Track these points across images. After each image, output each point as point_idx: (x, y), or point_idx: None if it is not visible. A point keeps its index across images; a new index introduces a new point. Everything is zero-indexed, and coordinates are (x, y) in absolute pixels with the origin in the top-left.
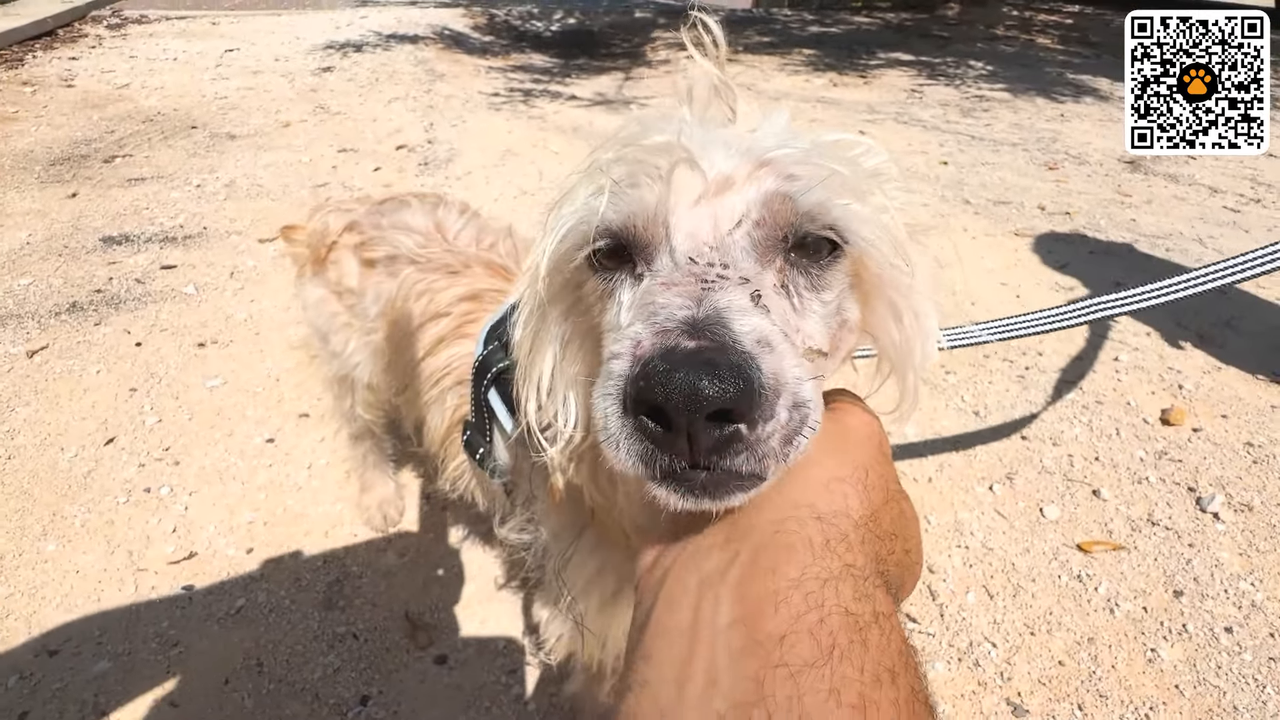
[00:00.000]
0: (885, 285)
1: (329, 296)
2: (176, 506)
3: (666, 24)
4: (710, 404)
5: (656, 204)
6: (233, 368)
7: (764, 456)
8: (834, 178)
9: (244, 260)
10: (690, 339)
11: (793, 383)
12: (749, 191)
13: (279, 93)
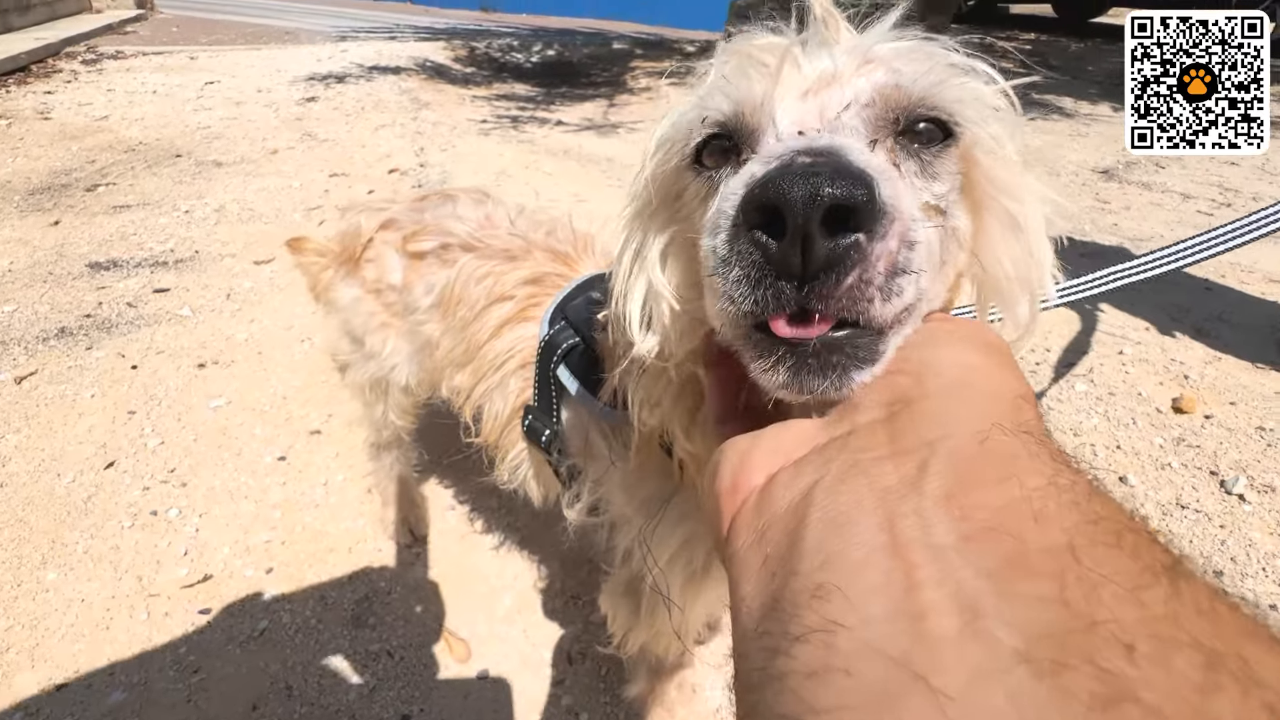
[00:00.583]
0: (998, 189)
1: (365, 296)
2: (187, 529)
3: (644, 54)
4: (830, 199)
5: (764, 93)
6: (236, 387)
7: (872, 283)
8: (945, 69)
9: (240, 282)
10: (807, 156)
11: (909, 216)
12: (857, 83)
13: (264, 122)
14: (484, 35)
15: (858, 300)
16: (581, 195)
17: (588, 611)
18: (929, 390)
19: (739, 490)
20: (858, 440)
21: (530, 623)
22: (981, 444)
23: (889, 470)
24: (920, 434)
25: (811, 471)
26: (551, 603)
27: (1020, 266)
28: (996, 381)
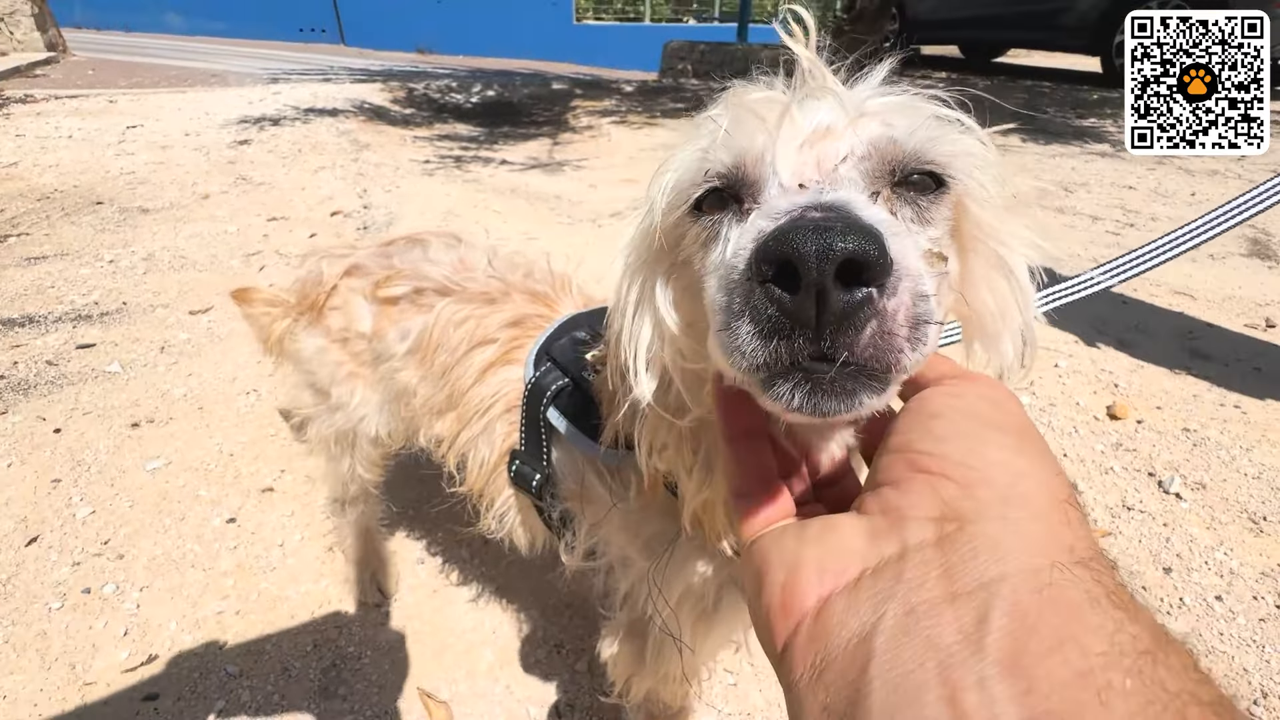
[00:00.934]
0: (985, 234)
1: (330, 346)
2: (126, 605)
3: (583, 94)
4: (843, 253)
5: (763, 146)
6: (176, 446)
7: (892, 334)
8: (935, 123)
9: (174, 334)
10: (817, 212)
11: (915, 271)
12: (852, 136)
13: (193, 166)
14: (421, 77)
15: (883, 351)
16: (532, 233)
17: (573, 660)
18: (980, 506)
19: (790, 612)
20: (911, 571)
21: (514, 677)
22: (1041, 593)
23: (948, 622)
24: (976, 571)
25: (868, 608)
26: (534, 654)
27: (1005, 306)
28: (1044, 491)
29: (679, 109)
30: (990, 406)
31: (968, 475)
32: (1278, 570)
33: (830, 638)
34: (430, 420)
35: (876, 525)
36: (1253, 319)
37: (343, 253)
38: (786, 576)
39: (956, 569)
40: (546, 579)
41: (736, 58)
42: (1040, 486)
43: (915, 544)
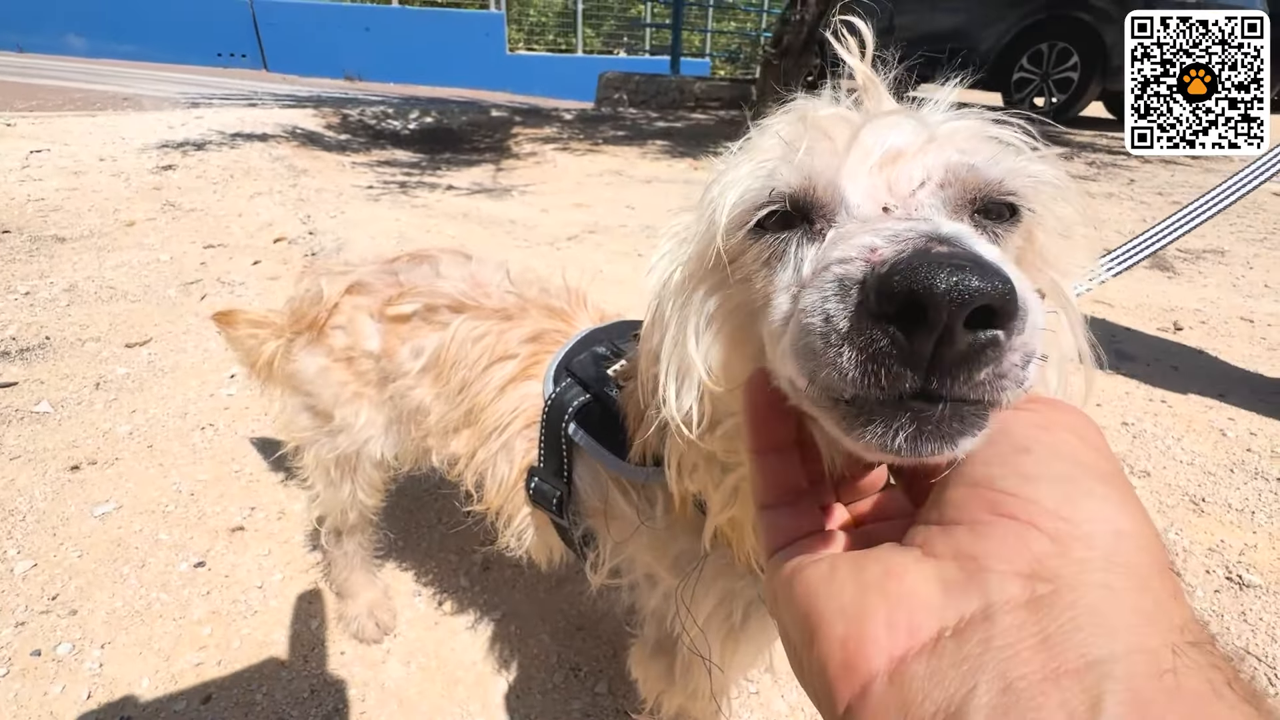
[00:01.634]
0: (1046, 263)
1: (333, 366)
2: (87, 665)
3: (524, 121)
4: (980, 297)
5: (835, 166)
6: (127, 489)
7: (1004, 376)
8: (1012, 151)
9: (111, 369)
10: (940, 245)
11: (1035, 310)
12: (925, 160)
13: (113, 192)
14: (354, 103)
15: (993, 391)
16: None
17: (592, 683)
18: (1078, 570)
19: (855, 671)
20: (1002, 637)
21: (533, 706)
22: (1161, 679)
23: (1054, 705)
24: (1080, 645)
25: (955, 677)
26: (551, 679)
27: (1057, 332)
28: (1148, 557)
29: (620, 136)
30: (1082, 444)
31: (1062, 529)
32: (1221, 546)
33: (910, 709)
34: (445, 439)
35: (950, 574)
36: (1163, 323)
37: (342, 270)
38: (848, 629)
39: (1056, 640)
40: (553, 602)
41: (671, 88)
42: (1143, 551)
43: (1002, 603)
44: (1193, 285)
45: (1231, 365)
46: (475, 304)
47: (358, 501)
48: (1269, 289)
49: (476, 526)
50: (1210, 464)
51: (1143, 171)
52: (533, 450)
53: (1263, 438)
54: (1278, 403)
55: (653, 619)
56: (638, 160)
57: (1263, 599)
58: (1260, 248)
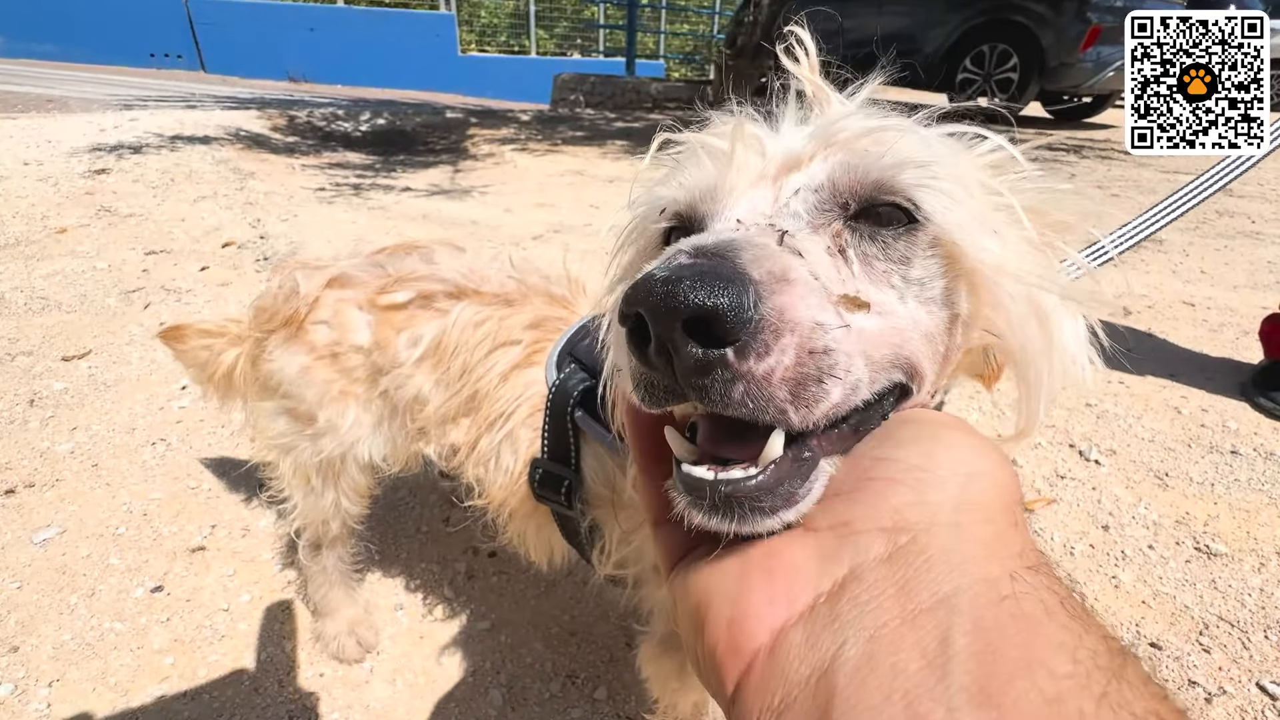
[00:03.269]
0: (992, 270)
1: (316, 364)
2: (33, 706)
3: (479, 123)
4: (685, 309)
5: (718, 180)
6: (70, 512)
7: (766, 398)
8: (910, 149)
9: (46, 384)
10: (689, 258)
11: (808, 324)
12: (814, 168)
13: (40, 197)
14: (301, 105)
15: (758, 410)
16: None
17: (590, 689)
18: (932, 512)
19: (740, 650)
20: (866, 592)
21: (529, 717)
22: (1000, 605)
23: (910, 646)
24: (932, 584)
25: (827, 639)
26: (547, 689)
27: (1034, 349)
28: (996, 492)
29: (579, 137)
30: (952, 418)
31: (920, 479)
32: (1188, 518)
33: (789, 675)
34: (444, 428)
35: (825, 543)
36: (1113, 308)
37: (320, 264)
38: (733, 610)
39: (912, 585)
40: (544, 608)
41: (627, 90)
42: (993, 487)
43: (868, 560)
44: (1136, 272)
45: (1179, 347)
46: (475, 290)
47: (341, 510)
48: (1205, 274)
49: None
50: (1169, 440)
51: (1083, 166)
52: (537, 441)
53: (1214, 413)
54: (1222, 380)
55: (660, 613)
56: (599, 160)
57: (1229, 567)
58: (1194, 236)
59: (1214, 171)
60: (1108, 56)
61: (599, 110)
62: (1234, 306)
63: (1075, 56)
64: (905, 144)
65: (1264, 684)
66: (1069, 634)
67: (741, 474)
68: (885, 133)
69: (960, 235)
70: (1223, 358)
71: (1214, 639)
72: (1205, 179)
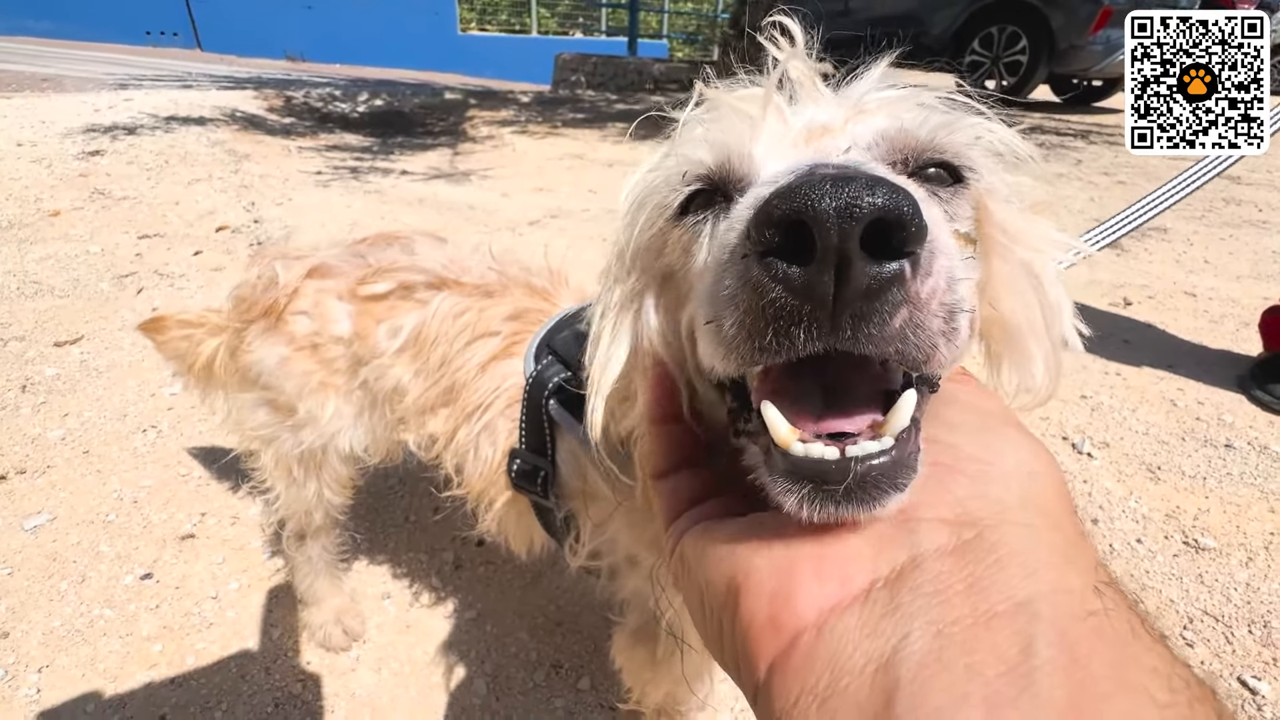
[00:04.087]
0: (1010, 238)
1: (295, 355)
2: (23, 692)
3: (479, 104)
4: (871, 209)
5: (751, 139)
6: (61, 498)
7: (924, 326)
8: (946, 113)
9: (38, 370)
10: (830, 168)
11: (950, 246)
12: (855, 129)
13: (34, 179)
14: (298, 85)
15: (914, 346)
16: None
17: (574, 679)
18: (999, 509)
19: (782, 627)
20: (932, 584)
21: (513, 706)
22: (1086, 622)
23: (986, 649)
24: (1007, 587)
25: (889, 626)
26: (532, 678)
27: (1035, 316)
28: (1057, 495)
29: (580, 119)
30: (994, 399)
31: (982, 471)
32: (1178, 511)
33: (840, 661)
34: (423, 419)
35: (880, 528)
36: (1114, 299)
37: (299, 254)
38: (778, 583)
39: (984, 584)
40: (530, 598)
41: (629, 70)
42: (1053, 490)
43: (931, 550)
44: (1139, 262)
45: (1179, 338)
46: (456, 280)
47: (324, 500)
48: (1208, 264)
49: (445, 522)
50: (1163, 433)
51: (1089, 152)
52: (515, 432)
53: (1209, 406)
54: (1220, 373)
55: (634, 603)
56: (598, 143)
57: (1217, 561)
58: (1199, 225)
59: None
60: (1118, 40)
61: (600, 92)
62: (1236, 297)
63: (1085, 39)
64: (940, 110)
65: (1245, 678)
66: (1160, 660)
67: (876, 445)
68: (916, 101)
69: (991, 199)
70: (1222, 349)
71: (1198, 633)
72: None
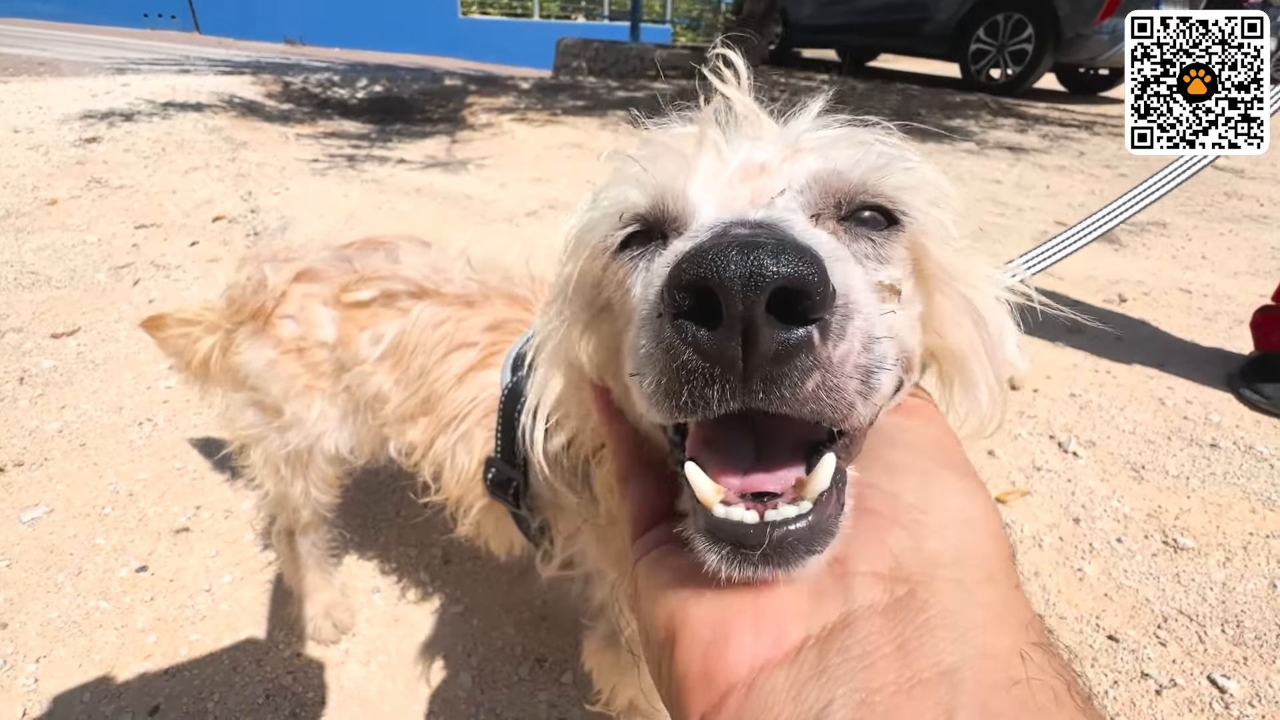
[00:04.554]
0: (950, 275)
1: (282, 358)
2: (21, 681)
3: (479, 90)
4: (775, 278)
5: (685, 178)
6: (58, 491)
7: (839, 389)
8: (881, 155)
9: (35, 362)
10: (744, 228)
11: (866, 306)
12: (789, 170)
13: (31, 167)
14: (296, 70)
15: (828, 407)
16: (446, 235)
17: (558, 674)
18: (932, 565)
19: (713, 681)
20: (861, 645)
21: (497, 699)
22: (1010, 692)
23: None
24: (934, 651)
25: (814, 690)
26: (516, 672)
27: (978, 348)
28: (995, 545)
29: (580, 106)
30: (940, 436)
31: (918, 522)
32: (1159, 511)
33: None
34: (403, 427)
35: (818, 580)
36: (1109, 295)
37: (288, 256)
38: (713, 635)
39: (912, 647)
40: (517, 593)
41: (631, 56)
42: (991, 538)
43: (863, 608)
44: (1137, 257)
45: (1171, 335)
46: (436, 290)
47: (311, 499)
48: (1206, 260)
49: (435, 517)
50: (1150, 432)
51: (1092, 144)
52: (491, 440)
53: (1197, 405)
54: (1211, 371)
55: (602, 612)
56: (598, 132)
57: (1194, 561)
58: (1199, 220)
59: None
60: None
61: (601, 78)
62: (1231, 294)
63: (1092, 28)
64: (874, 152)
65: (1214, 677)
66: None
67: (794, 510)
68: (851, 141)
69: (927, 239)
70: (1214, 348)
71: (1171, 632)
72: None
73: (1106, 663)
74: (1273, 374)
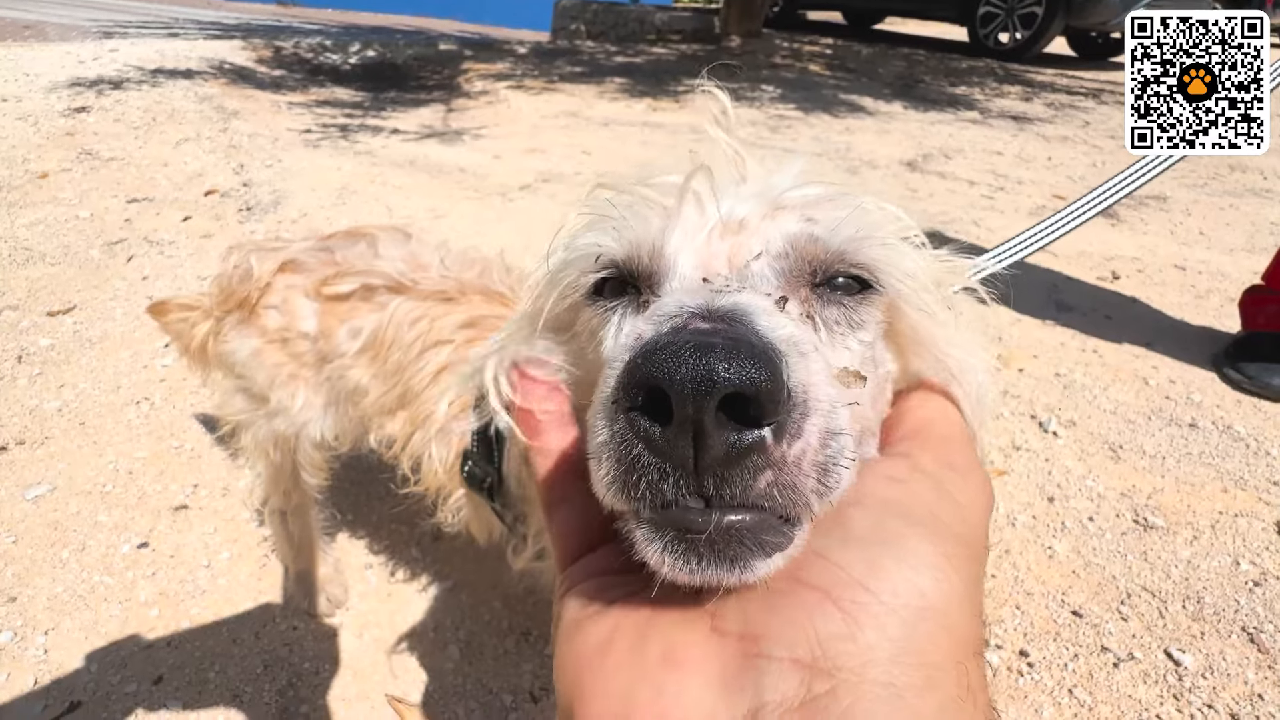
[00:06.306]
0: (922, 336)
1: (266, 347)
2: (31, 652)
3: (474, 55)
4: (725, 384)
5: (662, 235)
6: (60, 469)
7: (793, 487)
8: (859, 220)
9: (32, 340)
10: (704, 322)
11: (825, 403)
12: (767, 229)
13: (20, 138)
14: (288, 33)
15: (782, 504)
16: (439, 210)
17: (542, 646)
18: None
19: None
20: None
21: (484, 670)
22: None
23: None
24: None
25: None
26: (502, 644)
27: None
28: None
29: (577, 73)
30: (933, 495)
31: (859, 605)
32: (1133, 491)
33: None
34: (382, 420)
35: (730, 657)
36: (1102, 272)
37: (274, 246)
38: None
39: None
40: (504, 569)
41: (631, 19)
42: (944, 632)
43: (774, 702)
44: (1134, 232)
45: (1162, 314)
46: (414, 285)
47: (300, 482)
48: (1203, 235)
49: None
50: (1131, 412)
51: (1098, 114)
52: (467, 435)
53: (1180, 385)
54: (1198, 350)
55: None
56: (595, 100)
57: (1163, 539)
58: (1200, 194)
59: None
60: None
61: (599, 42)
62: (1226, 271)
63: None
64: (855, 217)
65: (1171, 651)
66: None
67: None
68: (833, 202)
69: (903, 304)
70: (1204, 326)
71: (1133, 608)
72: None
73: (1069, 637)
74: (1257, 353)
